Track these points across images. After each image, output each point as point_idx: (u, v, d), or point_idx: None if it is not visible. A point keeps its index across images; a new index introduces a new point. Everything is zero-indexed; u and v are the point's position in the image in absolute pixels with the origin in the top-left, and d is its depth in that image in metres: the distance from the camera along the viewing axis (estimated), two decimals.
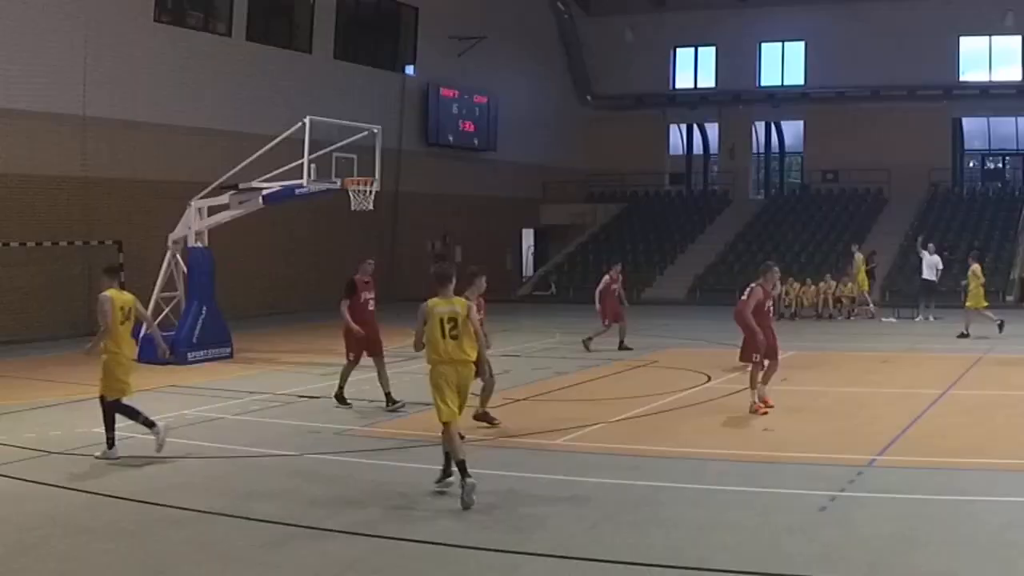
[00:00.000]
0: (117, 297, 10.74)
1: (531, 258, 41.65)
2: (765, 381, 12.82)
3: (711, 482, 9.36)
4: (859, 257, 28.34)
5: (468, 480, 8.56)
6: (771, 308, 13.05)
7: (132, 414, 10.59)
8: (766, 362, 12.77)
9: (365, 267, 13.91)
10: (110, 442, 10.48)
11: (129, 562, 7.35)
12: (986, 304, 21.41)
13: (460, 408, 9.05)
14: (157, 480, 9.74)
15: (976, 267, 21.37)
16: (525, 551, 7.41)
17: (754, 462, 10.15)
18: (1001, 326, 20.77)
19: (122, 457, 10.43)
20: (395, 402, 13.20)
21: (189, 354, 18.13)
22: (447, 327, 8.89)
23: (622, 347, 19.44)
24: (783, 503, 8.64)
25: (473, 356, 9.10)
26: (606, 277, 19.85)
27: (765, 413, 12.46)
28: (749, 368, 12.86)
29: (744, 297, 12.72)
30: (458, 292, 9.47)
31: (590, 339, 19.52)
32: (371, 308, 13.67)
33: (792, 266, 31.68)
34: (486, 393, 11.91)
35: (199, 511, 8.51)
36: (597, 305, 19.66)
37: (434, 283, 9.19)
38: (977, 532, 7.63)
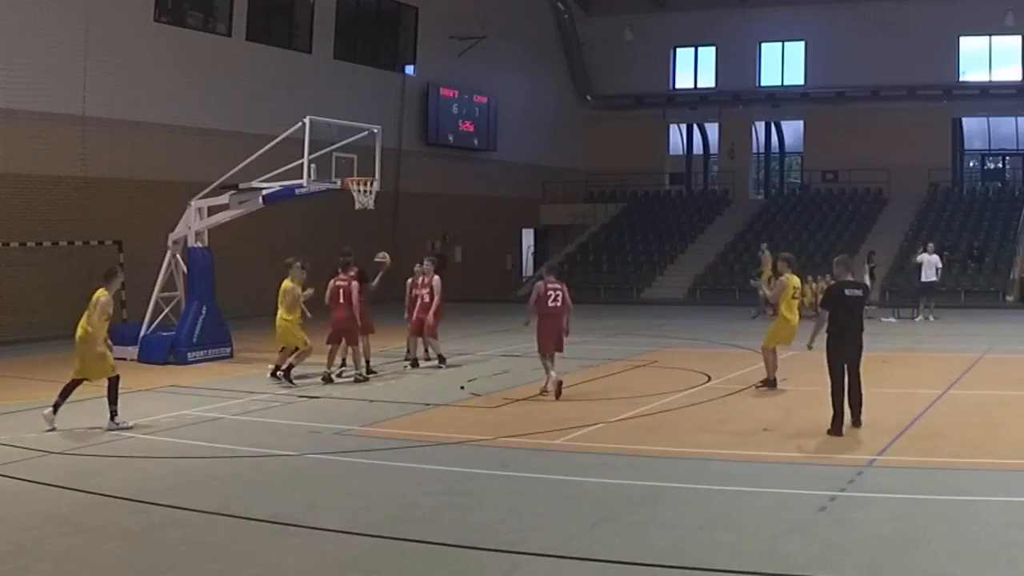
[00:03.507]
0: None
1: (531, 258, 41.61)
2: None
3: (711, 482, 9.35)
4: (767, 256, 28.21)
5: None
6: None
7: None
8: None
9: None
10: None
11: (129, 562, 7.34)
12: None
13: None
14: (157, 480, 9.74)
15: None
16: (525, 551, 7.41)
17: (754, 462, 10.15)
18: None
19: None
20: None
21: (189, 354, 18.12)
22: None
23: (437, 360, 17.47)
24: (783, 503, 8.63)
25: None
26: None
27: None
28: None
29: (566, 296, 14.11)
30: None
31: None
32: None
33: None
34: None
35: (199, 511, 8.51)
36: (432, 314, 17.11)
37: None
38: (977, 532, 7.62)
